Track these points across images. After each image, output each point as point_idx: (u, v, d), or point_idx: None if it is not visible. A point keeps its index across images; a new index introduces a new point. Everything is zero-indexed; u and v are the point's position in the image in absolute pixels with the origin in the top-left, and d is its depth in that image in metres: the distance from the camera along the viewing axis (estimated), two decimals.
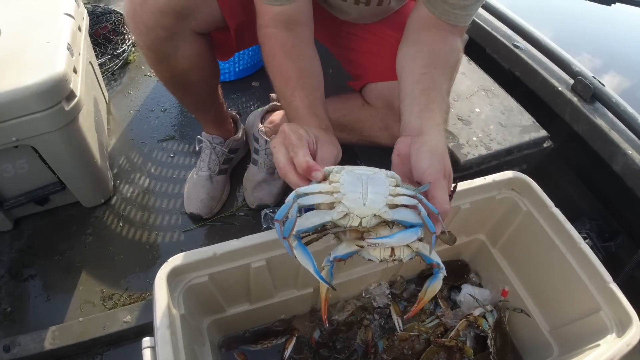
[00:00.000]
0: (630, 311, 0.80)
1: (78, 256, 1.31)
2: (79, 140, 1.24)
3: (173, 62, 1.06)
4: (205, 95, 1.24)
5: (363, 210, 0.62)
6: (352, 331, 1.07)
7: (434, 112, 0.74)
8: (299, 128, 0.71)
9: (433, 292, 0.66)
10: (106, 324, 1.14)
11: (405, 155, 0.72)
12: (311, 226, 0.62)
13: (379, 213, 0.62)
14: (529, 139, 1.16)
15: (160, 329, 0.71)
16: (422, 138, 0.71)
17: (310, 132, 0.72)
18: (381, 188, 0.65)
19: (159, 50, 1.03)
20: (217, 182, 1.38)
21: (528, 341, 1.08)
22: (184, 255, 0.78)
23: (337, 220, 0.62)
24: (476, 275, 1.19)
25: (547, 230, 0.96)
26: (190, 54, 1.06)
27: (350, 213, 0.62)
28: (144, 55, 1.07)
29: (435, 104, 0.76)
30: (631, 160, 1.17)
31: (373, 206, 0.62)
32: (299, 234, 0.62)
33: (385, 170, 0.69)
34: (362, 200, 0.63)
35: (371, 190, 0.64)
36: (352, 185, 0.65)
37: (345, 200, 0.63)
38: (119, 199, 1.45)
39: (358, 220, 0.62)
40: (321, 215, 0.63)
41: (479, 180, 0.95)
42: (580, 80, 1.30)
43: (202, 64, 1.11)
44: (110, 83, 1.87)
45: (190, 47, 1.04)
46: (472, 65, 1.36)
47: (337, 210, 0.62)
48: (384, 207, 0.63)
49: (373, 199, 0.63)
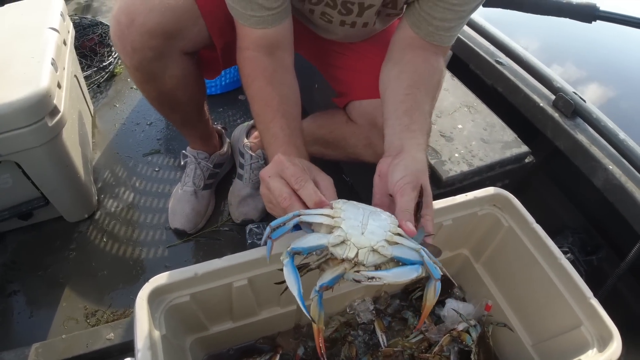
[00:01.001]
0: (611, 326, 0.81)
1: (61, 271, 1.30)
2: (63, 156, 1.23)
3: (160, 81, 1.05)
4: (191, 113, 1.23)
5: (361, 239, 0.62)
6: (336, 347, 1.06)
7: (415, 133, 0.76)
8: (294, 158, 0.71)
9: (431, 301, 0.65)
10: (89, 342, 1.12)
11: (385, 175, 0.73)
12: (306, 246, 0.62)
13: (376, 247, 0.62)
14: (511, 155, 1.18)
15: (141, 351, 0.70)
16: (401, 156, 0.72)
17: (301, 162, 0.73)
18: (382, 223, 0.65)
19: (146, 71, 1.02)
20: (202, 197, 1.38)
21: (511, 356, 1.09)
22: (165, 276, 0.78)
23: (334, 246, 0.62)
24: (460, 290, 1.20)
25: (529, 246, 0.97)
26: (178, 73, 1.05)
27: (347, 240, 0.62)
28: (130, 75, 1.06)
29: (417, 124, 0.77)
30: (612, 176, 1.19)
31: (371, 237, 0.62)
32: (293, 252, 0.62)
33: (388, 213, 0.69)
34: (361, 229, 0.63)
35: (372, 223, 0.64)
36: (354, 214, 0.65)
37: (344, 225, 0.63)
38: (103, 214, 1.44)
39: (354, 251, 0.61)
40: (319, 236, 0.63)
41: (460, 197, 0.96)
42: (562, 96, 1.32)
43: (189, 82, 1.11)
44: (96, 95, 1.86)
45: (177, 66, 1.04)
46: (456, 81, 1.38)
47: (335, 234, 0.62)
48: (383, 242, 0.63)
49: (372, 231, 0.63)
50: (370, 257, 0.62)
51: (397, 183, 0.69)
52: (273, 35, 0.86)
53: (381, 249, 0.62)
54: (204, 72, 1.15)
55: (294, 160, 0.71)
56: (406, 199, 0.67)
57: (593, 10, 1.41)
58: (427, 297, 0.65)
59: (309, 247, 0.62)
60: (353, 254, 0.61)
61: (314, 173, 0.72)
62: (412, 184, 0.68)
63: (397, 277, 0.61)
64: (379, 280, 0.61)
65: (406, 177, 0.69)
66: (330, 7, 0.92)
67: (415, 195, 0.68)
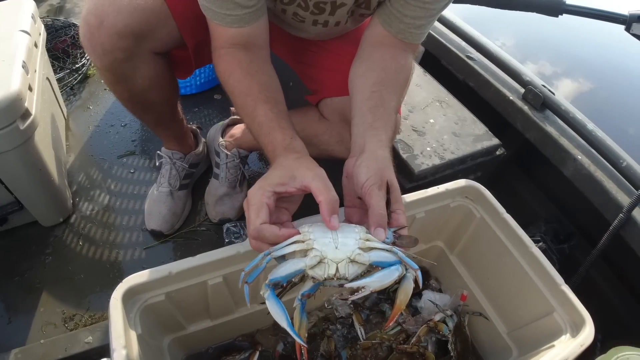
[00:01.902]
0: (583, 312, 0.84)
1: (38, 277, 1.28)
2: (36, 159, 1.21)
3: (131, 82, 1.04)
4: (164, 113, 1.22)
5: (337, 253, 0.63)
6: (315, 342, 1.07)
7: (377, 130, 0.77)
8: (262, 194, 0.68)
9: (406, 295, 0.65)
10: (68, 346, 1.10)
11: (351, 176, 0.74)
12: (284, 275, 0.62)
13: (353, 256, 0.63)
14: (482, 148, 1.20)
15: (116, 351, 0.71)
16: (363, 155, 0.73)
17: (280, 175, 0.71)
18: (351, 234, 0.66)
19: (117, 72, 1.01)
20: (178, 197, 1.37)
21: (488, 344, 1.11)
22: (139, 275, 0.78)
23: (312, 268, 0.62)
24: (436, 281, 1.22)
25: (500, 236, 0.99)
26: (149, 74, 1.04)
27: (324, 258, 0.62)
28: (101, 76, 1.05)
29: (380, 121, 0.78)
30: (581, 165, 1.22)
31: (345, 249, 0.63)
32: (272, 283, 0.62)
33: (354, 225, 0.70)
34: (333, 243, 0.64)
35: (342, 235, 0.66)
36: (322, 232, 0.66)
37: (316, 244, 0.63)
38: (79, 217, 1.42)
39: (334, 267, 0.62)
40: (295, 262, 0.63)
41: (432, 189, 0.98)
42: (531, 90, 1.35)
43: (161, 83, 1.10)
44: (70, 98, 1.83)
45: (148, 67, 1.03)
46: (428, 76, 1.40)
47: (310, 255, 0.63)
48: (357, 250, 0.64)
49: (344, 242, 0.64)
50: (350, 269, 0.63)
51: (363, 186, 0.70)
52: (249, 33, 0.85)
53: (358, 257, 0.63)
54: (177, 72, 1.14)
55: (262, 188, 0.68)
56: (375, 201, 0.68)
57: (560, 4, 1.44)
58: (403, 289, 0.66)
59: (287, 275, 0.62)
60: (333, 271, 0.62)
61: (299, 179, 0.69)
62: (377, 184, 0.69)
63: (381, 280, 0.62)
64: (365, 289, 0.62)
65: (370, 178, 0.70)
66: (302, 8, 0.92)
67: (383, 194, 0.70)
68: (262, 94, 0.81)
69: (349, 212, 0.77)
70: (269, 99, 0.81)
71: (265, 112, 0.79)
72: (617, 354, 0.78)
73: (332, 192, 0.68)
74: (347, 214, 0.78)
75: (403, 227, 0.71)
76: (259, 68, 0.86)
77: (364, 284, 0.61)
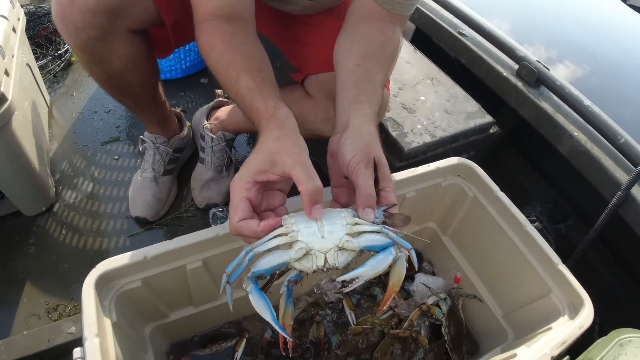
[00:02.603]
0: (582, 293, 0.80)
1: (21, 267, 1.25)
2: (14, 146, 1.17)
3: (108, 63, 1.00)
4: (145, 95, 1.18)
5: (323, 243, 0.59)
6: (304, 328, 1.04)
7: (361, 104, 0.73)
8: (241, 188, 0.63)
9: (399, 277, 0.62)
10: (50, 337, 1.09)
11: (336, 154, 0.70)
12: (268, 267, 0.58)
13: (341, 244, 0.59)
14: (475, 125, 1.16)
15: (88, 339, 0.68)
16: (347, 131, 0.69)
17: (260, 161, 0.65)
18: (337, 220, 0.62)
19: (92, 52, 0.97)
20: (163, 183, 1.33)
21: (483, 327, 1.08)
22: (112, 260, 0.74)
23: (299, 260, 0.58)
24: (429, 264, 1.19)
25: (494, 215, 0.96)
26: (126, 53, 1.00)
27: (310, 250, 0.58)
28: (77, 57, 1.02)
29: (364, 95, 0.74)
30: (577, 142, 1.18)
31: (332, 237, 0.59)
32: (255, 276, 0.58)
33: (339, 209, 0.66)
34: (319, 233, 0.60)
35: (327, 223, 0.61)
36: (306, 222, 0.62)
37: (301, 236, 0.59)
38: (62, 206, 1.39)
39: (322, 257, 0.58)
40: (279, 254, 0.59)
41: (422, 167, 0.94)
42: (525, 65, 1.30)
43: (139, 63, 1.06)
44: (53, 85, 1.79)
45: (125, 46, 0.99)
46: (418, 54, 1.36)
47: (295, 248, 0.59)
48: (345, 237, 0.60)
49: (331, 230, 0.60)
50: (340, 257, 0.59)
51: (349, 164, 0.66)
52: (233, 4, 0.79)
53: (347, 244, 0.59)
54: (155, 52, 1.10)
55: (242, 179, 0.63)
56: (362, 180, 0.64)
57: None
58: (396, 271, 0.62)
59: (271, 268, 0.59)
60: (322, 262, 0.58)
61: (279, 165, 0.64)
62: (364, 162, 0.65)
63: (375, 267, 0.58)
64: (359, 279, 0.58)
65: (356, 155, 0.66)
66: None
67: (370, 172, 0.65)
68: (244, 64, 0.75)
69: (336, 192, 0.73)
70: (251, 68, 0.75)
71: (247, 82, 0.73)
72: (618, 337, 0.74)
73: (314, 181, 0.62)
74: (334, 195, 0.73)
75: (393, 205, 0.67)
76: (243, 39, 0.80)
77: (357, 274, 0.58)
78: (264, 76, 0.75)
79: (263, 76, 0.75)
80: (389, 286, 0.63)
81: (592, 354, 0.73)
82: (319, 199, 0.62)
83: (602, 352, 0.72)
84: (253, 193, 0.63)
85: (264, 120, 0.70)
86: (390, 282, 0.62)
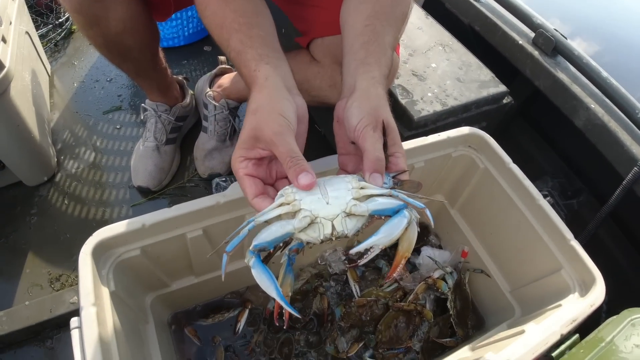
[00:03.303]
0: (594, 269, 0.77)
1: (23, 238, 1.24)
2: (13, 115, 1.15)
3: (104, 25, 0.97)
4: (144, 61, 1.15)
5: (328, 210, 0.55)
6: (308, 300, 1.03)
7: (370, 66, 0.68)
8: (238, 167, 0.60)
9: (410, 242, 0.57)
10: (53, 307, 1.09)
11: (342, 120, 0.66)
12: (271, 239, 0.54)
13: (349, 209, 0.55)
14: (488, 95, 1.11)
15: (84, 308, 0.66)
16: (354, 95, 0.65)
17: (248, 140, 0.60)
18: (342, 184, 0.58)
19: (88, 13, 0.94)
20: (165, 152, 1.31)
21: (489, 303, 1.06)
22: (110, 228, 0.72)
23: (304, 231, 0.54)
24: (436, 237, 1.16)
25: (505, 188, 0.92)
26: (123, 15, 0.96)
27: (316, 218, 0.54)
28: (73, 19, 0.99)
29: (373, 56, 0.69)
30: (593, 115, 1.14)
31: (338, 202, 0.55)
32: (257, 249, 0.54)
33: (343, 175, 0.62)
34: (323, 199, 0.56)
35: (331, 189, 0.57)
36: (309, 190, 0.57)
37: (304, 204, 0.55)
38: (64, 176, 1.37)
39: (329, 225, 0.54)
40: (282, 225, 0.55)
41: (432, 137, 0.90)
42: (542, 33, 1.25)
43: (137, 26, 1.02)
44: (54, 55, 1.76)
45: (121, 7, 0.95)
46: (430, 19, 1.30)
47: (298, 217, 0.54)
48: (352, 201, 0.56)
49: (336, 195, 0.56)
50: (348, 224, 0.55)
51: (355, 129, 0.62)
52: None
53: (354, 208, 0.55)
54: (154, 14, 1.06)
55: (235, 159, 0.60)
56: (370, 144, 0.60)
57: None
58: (407, 236, 0.57)
59: (274, 240, 0.54)
60: (329, 229, 0.54)
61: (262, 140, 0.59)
62: (372, 125, 0.61)
63: (390, 234, 0.54)
64: (374, 249, 0.54)
65: (363, 119, 0.61)
66: None
67: (379, 135, 0.61)
68: (234, 22, 0.70)
69: (343, 160, 0.70)
70: (242, 26, 0.70)
71: (236, 45, 0.69)
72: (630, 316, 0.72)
73: (292, 148, 0.57)
74: (340, 163, 0.70)
75: (403, 171, 0.63)
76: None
77: (371, 243, 0.53)
78: (254, 32, 0.70)
79: (252, 33, 0.69)
80: (399, 252, 0.58)
81: (603, 333, 0.70)
82: (303, 166, 0.57)
83: (614, 331, 0.70)
84: (252, 169, 0.60)
85: (250, 88, 0.66)
86: (400, 247, 0.58)
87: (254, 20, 0.71)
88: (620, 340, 0.68)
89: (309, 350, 0.99)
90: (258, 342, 0.99)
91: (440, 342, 0.99)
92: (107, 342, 0.65)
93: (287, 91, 0.64)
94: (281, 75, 0.66)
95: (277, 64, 0.67)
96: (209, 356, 0.98)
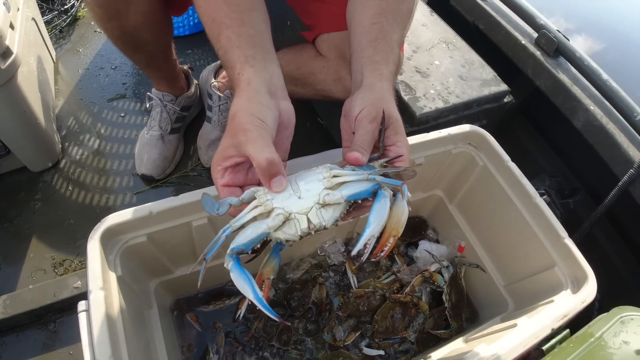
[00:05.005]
0: (586, 267, 0.79)
1: (27, 223, 1.26)
2: (20, 101, 1.16)
3: (124, 18, 0.98)
4: (157, 53, 1.16)
5: (301, 204, 0.55)
6: (307, 289, 1.05)
7: (378, 64, 0.69)
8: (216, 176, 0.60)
9: (398, 218, 0.55)
10: (56, 291, 1.11)
11: (348, 114, 0.67)
12: (247, 241, 0.55)
13: (322, 199, 0.55)
14: (489, 93, 1.13)
15: (93, 292, 0.68)
16: (360, 89, 0.66)
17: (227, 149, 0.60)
18: (312, 177, 0.58)
19: (110, 7, 0.95)
20: (169, 141, 1.32)
21: (484, 296, 1.09)
22: (118, 215, 0.74)
23: (281, 229, 0.55)
24: (434, 232, 1.18)
25: (503, 185, 0.94)
26: (143, 8, 0.98)
27: (289, 215, 0.55)
28: (92, 12, 0.99)
29: (380, 54, 0.71)
30: (592, 116, 1.16)
31: (310, 194, 0.56)
32: (235, 252, 0.54)
33: (315, 167, 0.61)
34: (295, 195, 0.56)
35: (302, 182, 0.57)
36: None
37: (276, 202, 0.55)
38: (68, 162, 1.38)
39: (304, 219, 0.55)
40: (256, 226, 0.55)
41: (434, 133, 0.92)
42: (544, 34, 1.26)
43: (155, 19, 1.03)
44: (59, 41, 1.76)
45: (143, 1, 0.96)
46: (435, 16, 1.31)
47: (272, 215, 0.55)
48: (325, 191, 0.56)
49: (307, 188, 0.56)
50: (324, 215, 0.55)
51: (356, 119, 0.63)
52: None
53: (327, 197, 0.55)
54: (170, 9, 1.07)
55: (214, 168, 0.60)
56: (360, 132, 0.61)
57: None
58: (395, 212, 0.56)
59: (250, 241, 0.55)
60: (305, 224, 0.55)
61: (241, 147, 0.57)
62: (371, 115, 0.62)
63: (379, 219, 0.54)
64: (372, 239, 0.54)
65: (364, 109, 0.63)
66: None
67: (374, 126, 0.62)
68: (227, 17, 0.67)
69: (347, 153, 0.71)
70: (233, 22, 0.66)
71: (225, 42, 0.66)
72: (620, 314, 0.74)
73: (265, 154, 0.55)
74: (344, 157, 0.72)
75: (399, 156, 0.62)
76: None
77: (367, 236, 0.54)
78: (243, 30, 0.66)
79: (242, 31, 0.66)
80: (386, 229, 0.55)
81: (593, 329, 0.72)
82: (275, 171, 0.56)
83: (603, 328, 0.71)
84: (228, 178, 0.60)
85: (232, 87, 0.66)
86: (388, 224, 0.55)
87: (246, 17, 0.68)
88: (609, 337, 0.69)
89: (307, 338, 1.02)
90: (258, 329, 1.01)
91: (435, 334, 1.02)
92: (114, 325, 0.67)
93: (269, 96, 0.62)
94: (265, 79, 0.64)
95: (263, 67, 0.65)
96: (209, 341, 1.00)
